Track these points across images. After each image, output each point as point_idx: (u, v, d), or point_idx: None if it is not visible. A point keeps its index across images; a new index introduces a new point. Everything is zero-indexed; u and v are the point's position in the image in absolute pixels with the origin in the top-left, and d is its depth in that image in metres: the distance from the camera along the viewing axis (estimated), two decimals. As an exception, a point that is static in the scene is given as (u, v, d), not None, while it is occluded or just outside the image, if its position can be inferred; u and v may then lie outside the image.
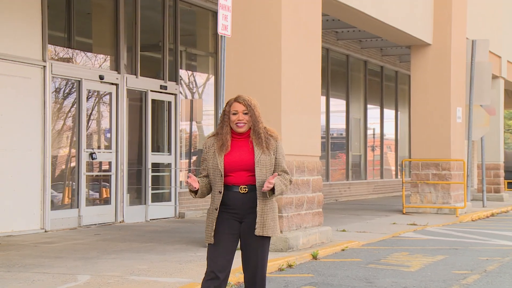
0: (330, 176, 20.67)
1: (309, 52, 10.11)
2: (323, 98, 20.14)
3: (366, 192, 22.71)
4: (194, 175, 4.84)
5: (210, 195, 4.65)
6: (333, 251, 9.55)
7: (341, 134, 21.88)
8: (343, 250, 9.77)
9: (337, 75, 21.35)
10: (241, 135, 4.59)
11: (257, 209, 4.48)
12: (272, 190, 4.46)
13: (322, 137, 18.38)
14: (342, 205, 18.87)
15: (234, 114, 4.58)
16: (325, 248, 9.51)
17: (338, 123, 21.67)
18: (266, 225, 4.50)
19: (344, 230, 11.97)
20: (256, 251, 4.52)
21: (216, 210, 4.51)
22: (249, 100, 4.61)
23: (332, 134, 21.24)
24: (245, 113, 4.57)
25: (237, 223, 4.53)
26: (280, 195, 4.56)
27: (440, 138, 16.37)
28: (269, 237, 4.55)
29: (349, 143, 21.81)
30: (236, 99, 4.62)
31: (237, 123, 4.56)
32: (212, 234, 4.51)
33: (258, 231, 4.48)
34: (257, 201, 4.48)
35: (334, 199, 20.54)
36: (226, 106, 4.64)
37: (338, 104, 21.58)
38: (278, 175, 4.54)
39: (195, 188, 4.51)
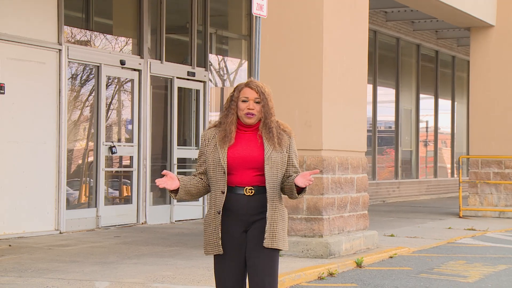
0: (377, 175, 20.56)
1: (354, 35, 10.04)
2: (370, 87, 20.02)
3: (418, 193, 22.54)
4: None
5: (206, 197, 4.41)
6: (379, 259, 9.50)
7: (390, 127, 21.73)
8: (391, 257, 9.72)
9: (385, 61, 21.20)
10: (248, 127, 4.31)
11: (266, 215, 4.21)
12: (301, 189, 4.23)
13: (368, 131, 18.27)
14: (390, 206, 18.76)
15: (243, 101, 4.28)
16: (370, 255, 9.46)
17: (386, 115, 21.52)
18: (277, 236, 4.21)
19: (392, 235, 11.91)
20: (263, 266, 4.21)
21: (219, 214, 4.24)
22: (263, 87, 4.31)
23: (380, 127, 21.11)
24: (257, 102, 4.28)
25: (241, 232, 4.25)
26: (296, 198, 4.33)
27: (503, 132, 16.15)
28: (279, 250, 4.27)
29: (398, 137, 21.66)
30: (248, 84, 4.31)
31: (247, 112, 4.26)
32: (220, 242, 4.24)
33: (267, 243, 4.19)
34: (267, 206, 4.21)
35: (381, 200, 20.43)
36: (234, 91, 4.34)
37: (386, 94, 21.44)
38: (290, 176, 4.28)
39: (172, 187, 4.19)
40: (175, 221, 13.45)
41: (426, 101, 23.59)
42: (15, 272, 7.63)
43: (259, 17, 8.71)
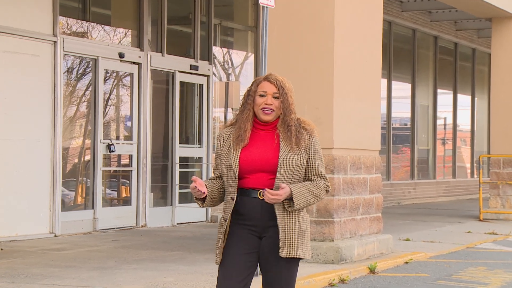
0: (392, 175, 20.54)
1: (368, 26, 10.04)
2: (384, 81, 20.00)
3: (435, 194, 22.52)
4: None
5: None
6: (394, 264, 9.50)
7: (405, 125, 21.71)
8: (406, 263, 9.72)
9: (401, 54, 21.17)
10: (265, 125, 4.23)
11: (277, 222, 4.11)
12: (291, 200, 4.09)
13: (382, 128, 18.26)
14: (405, 209, 18.75)
15: (261, 96, 4.21)
16: (384, 260, 9.46)
17: (401, 111, 21.50)
18: (294, 244, 4.11)
19: (408, 239, 11.91)
20: (280, 277, 4.13)
21: (226, 221, 4.17)
22: (283, 81, 4.25)
23: (394, 124, 21.09)
24: (276, 97, 4.21)
25: (255, 239, 4.17)
26: (305, 206, 4.18)
27: (526, 130, 16.11)
28: (298, 259, 4.17)
29: (414, 135, 21.64)
30: (267, 78, 4.25)
31: (264, 108, 4.19)
32: (221, 252, 4.17)
33: (283, 252, 4.09)
34: (275, 212, 4.12)
35: (396, 202, 20.42)
36: (252, 85, 4.28)
37: (402, 89, 21.41)
38: (310, 180, 4.19)
39: (203, 194, 4.13)
40: (177, 223, 13.47)
41: (444, 97, 23.54)
42: (7, 277, 7.65)
43: (266, 7, 8.70)
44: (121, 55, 12.46)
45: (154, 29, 13.32)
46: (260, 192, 4.12)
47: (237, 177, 4.14)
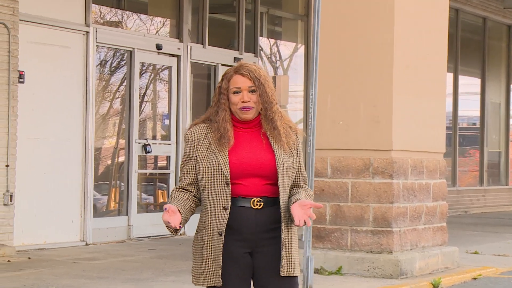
0: (458, 180, 20.37)
1: (432, 14, 9.99)
2: (450, 76, 19.84)
3: (508, 202, 22.25)
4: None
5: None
6: (460, 280, 9.44)
7: (474, 124, 21.50)
8: (474, 278, 9.64)
9: (469, 45, 20.98)
10: (247, 123, 4.06)
11: (282, 236, 3.98)
12: None
13: (447, 128, 18.11)
14: (473, 218, 18.57)
15: (235, 93, 4.00)
16: (450, 275, 9.41)
17: (469, 109, 21.29)
18: (293, 261, 4.01)
19: (476, 252, 11.80)
20: None
21: (221, 236, 3.97)
22: (256, 71, 4.01)
23: (461, 124, 20.90)
24: (252, 91, 4.00)
25: (246, 256, 4.02)
26: None
27: None
28: (297, 277, 4.07)
29: (484, 136, 21.42)
30: (237, 70, 4.02)
31: (242, 107, 3.99)
32: (219, 272, 3.96)
33: (284, 271, 3.98)
34: (282, 224, 3.98)
35: (462, 210, 20.24)
36: (222, 80, 4.05)
37: (470, 84, 21.21)
38: (299, 186, 4.09)
39: (177, 227, 3.90)
40: (219, 232, 13.52)
41: (518, 93, 23.26)
42: (35, 288, 7.78)
43: (318, -6, 8.72)
44: (158, 47, 12.55)
45: (194, 18, 13.39)
46: (254, 200, 3.96)
47: (229, 182, 3.94)
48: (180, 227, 3.93)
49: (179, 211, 3.99)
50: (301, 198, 3.97)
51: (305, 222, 3.90)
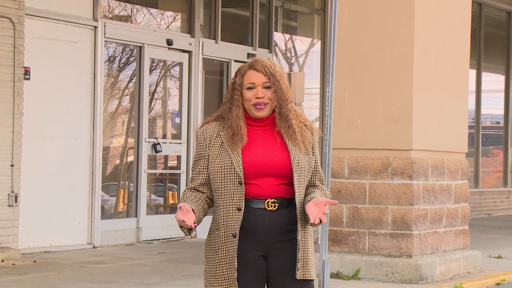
0: (481, 181, 20.30)
1: (454, 8, 9.96)
2: (472, 73, 19.78)
3: (532, 205, 22.17)
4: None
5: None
6: (483, 285, 9.41)
7: (498, 123, 21.43)
8: (498, 284, 9.61)
9: (493, 41, 20.91)
10: (261, 121, 4.06)
11: (298, 238, 3.99)
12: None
13: (469, 127, 18.05)
14: (497, 221, 18.52)
15: (249, 89, 4.01)
16: (472, 280, 9.38)
17: (493, 107, 21.22)
18: (310, 264, 4.02)
19: (499, 257, 11.76)
20: None
21: (235, 237, 3.97)
22: (271, 67, 4.03)
23: (485, 123, 20.84)
24: (267, 87, 4.02)
25: (260, 260, 4.02)
26: None
27: None
28: (313, 281, 4.07)
29: (508, 135, 21.35)
30: (252, 66, 4.03)
31: (255, 103, 4.01)
32: (235, 275, 3.96)
33: (300, 274, 3.99)
34: (298, 226, 3.99)
35: (485, 212, 20.19)
36: (236, 76, 4.07)
37: (493, 81, 21.14)
38: (315, 186, 4.10)
39: (192, 226, 3.90)
40: (231, 235, 13.53)
41: (544, 91, 23.17)
42: (40, 293, 7.81)
43: (335, -13, 8.71)
44: (169, 42, 12.57)
45: (206, 13, 13.40)
46: (269, 201, 3.96)
47: (242, 182, 3.95)
48: (195, 225, 3.94)
49: (193, 210, 3.99)
50: (316, 196, 3.98)
51: (320, 221, 3.91)
